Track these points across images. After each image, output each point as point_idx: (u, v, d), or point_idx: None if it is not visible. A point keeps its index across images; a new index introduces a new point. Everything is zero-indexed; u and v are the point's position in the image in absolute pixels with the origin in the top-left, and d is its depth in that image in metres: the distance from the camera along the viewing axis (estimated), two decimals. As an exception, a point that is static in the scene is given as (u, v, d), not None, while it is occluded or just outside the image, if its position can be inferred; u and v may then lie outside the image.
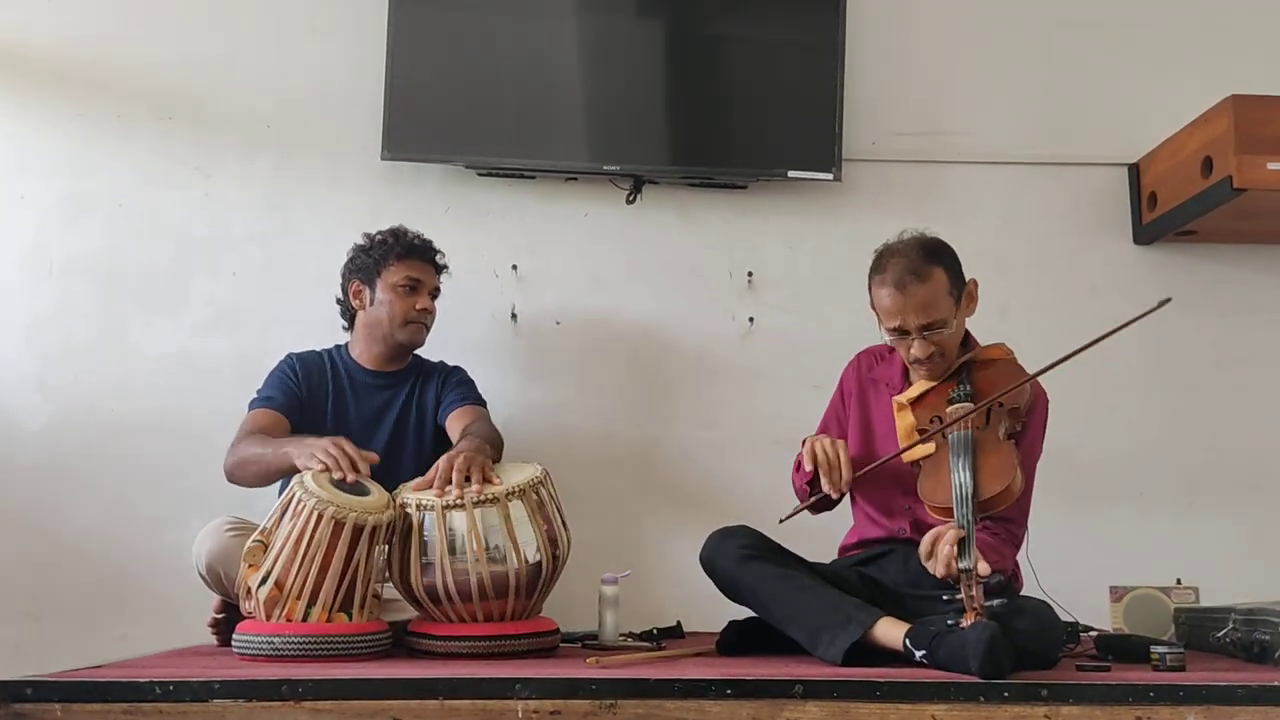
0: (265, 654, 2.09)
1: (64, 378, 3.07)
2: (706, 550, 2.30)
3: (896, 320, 2.32)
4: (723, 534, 2.30)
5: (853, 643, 2.02)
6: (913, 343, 2.33)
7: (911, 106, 3.29)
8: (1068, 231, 3.27)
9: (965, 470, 2.15)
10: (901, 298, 2.30)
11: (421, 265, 2.75)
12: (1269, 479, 3.17)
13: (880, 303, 2.36)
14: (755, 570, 2.21)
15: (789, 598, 2.17)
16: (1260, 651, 2.19)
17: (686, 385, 3.18)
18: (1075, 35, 3.33)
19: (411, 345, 2.76)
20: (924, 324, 2.31)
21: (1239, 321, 3.22)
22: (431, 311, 2.77)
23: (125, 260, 3.13)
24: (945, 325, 2.32)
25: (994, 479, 2.15)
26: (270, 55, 3.21)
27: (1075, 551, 3.00)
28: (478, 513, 2.19)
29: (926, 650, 1.96)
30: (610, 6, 3.18)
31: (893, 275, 2.32)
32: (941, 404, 2.33)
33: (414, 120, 3.09)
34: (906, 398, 2.39)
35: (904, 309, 2.30)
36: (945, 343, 2.35)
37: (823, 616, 2.10)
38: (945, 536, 2.02)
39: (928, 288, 2.30)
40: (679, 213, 3.23)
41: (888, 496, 2.44)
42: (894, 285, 2.31)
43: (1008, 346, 2.44)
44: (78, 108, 3.16)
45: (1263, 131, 2.77)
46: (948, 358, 2.38)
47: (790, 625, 2.15)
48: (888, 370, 2.54)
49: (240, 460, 2.52)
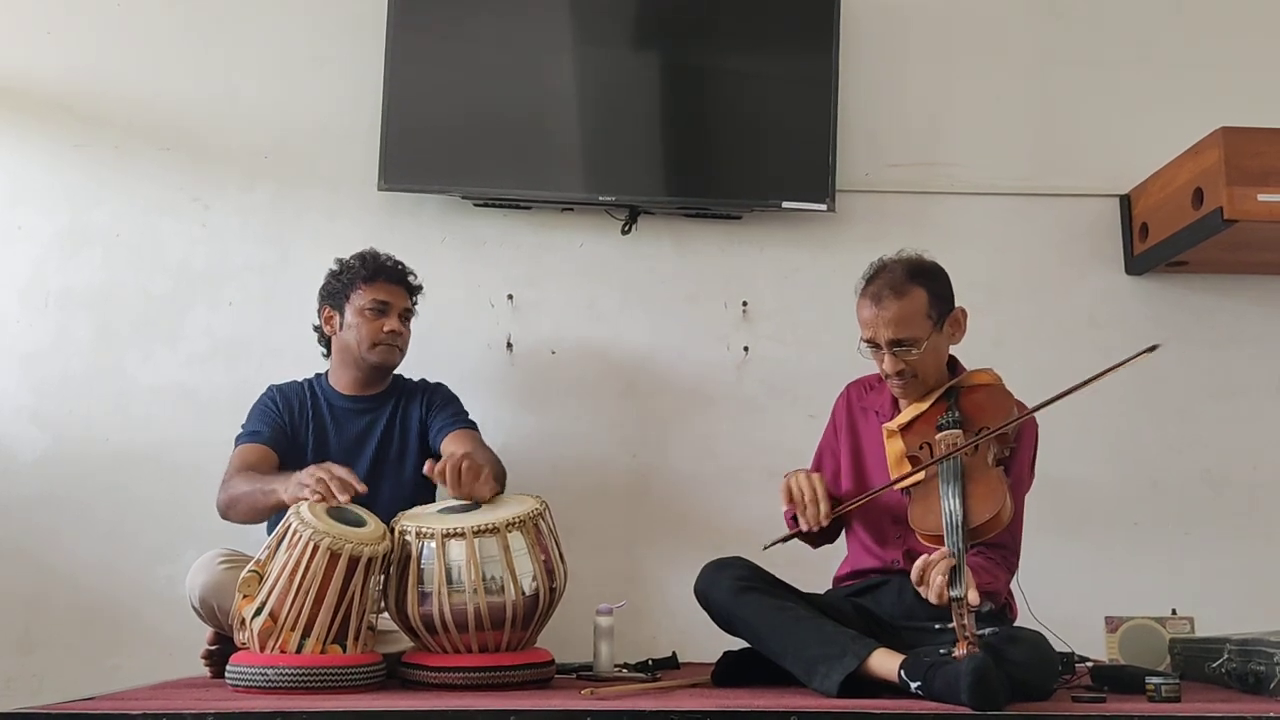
0: (259, 686, 2.08)
1: (60, 409, 3.07)
2: (701, 582, 2.30)
3: (869, 332, 2.38)
4: (717, 566, 2.30)
5: (848, 674, 2.02)
6: (883, 357, 2.37)
7: (905, 138, 3.31)
8: (1060, 262, 3.28)
9: (955, 498, 2.16)
10: (875, 310, 2.36)
11: (389, 287, 2.73)
12: (1264, 509, 3.17)
13: (859, 314, 2.42)
14: (750, 602, 2.21)
15: (784, 630, 2.16)
16: (1255, 682, 2.18)
17: (682, 415, 3.18)
18: (1067, 68, 3.36)
19: (383, 367, 2.75)
20: (893, 339, 2.35)
21: (1231, 352, 3.24)
22: (401, 333, 2.73)
23: (123, 291, 3.14)
24: (916, 344, 2.35)
25: (983, 506, 2.15)
26: (268, 87, 3.23)
27: (1070, 582, 3.00)
28: (477, 542, 2.19)
29: (922, 682, 1.95)
30: (606, 39, 3.21)
31: (873, 288, 2.39)
32: (930, 430, 2.35)
33: (411, 151, 3.11)
34: (896, 424, 2.40)
35: (876, 322, 2.36)
36: (917, 363, 2.37)
37: (818, 648, 2.09)
38: (936, 565, 2.02)
39: (902, 305, 2.35)
40: (674, 243, 3.25)
41: (880, 526, 2.45)
42: (870, 298, 2.38)
43: (995, 372, 2.46)
44: (76, 139, 3.18)
45: (1253, 163, 2.79)
46: (922, 379, 2.40)
47: (785, 658, 2.15)
48: (877, 399, 2.55)
49: (230, 499, 2.52)
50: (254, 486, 2.46)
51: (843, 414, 2.59)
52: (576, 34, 3.19)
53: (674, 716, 1.77)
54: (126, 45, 3.23)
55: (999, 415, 2.32)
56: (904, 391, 2.41)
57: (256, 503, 2.45)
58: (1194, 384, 3.22)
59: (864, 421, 2.54)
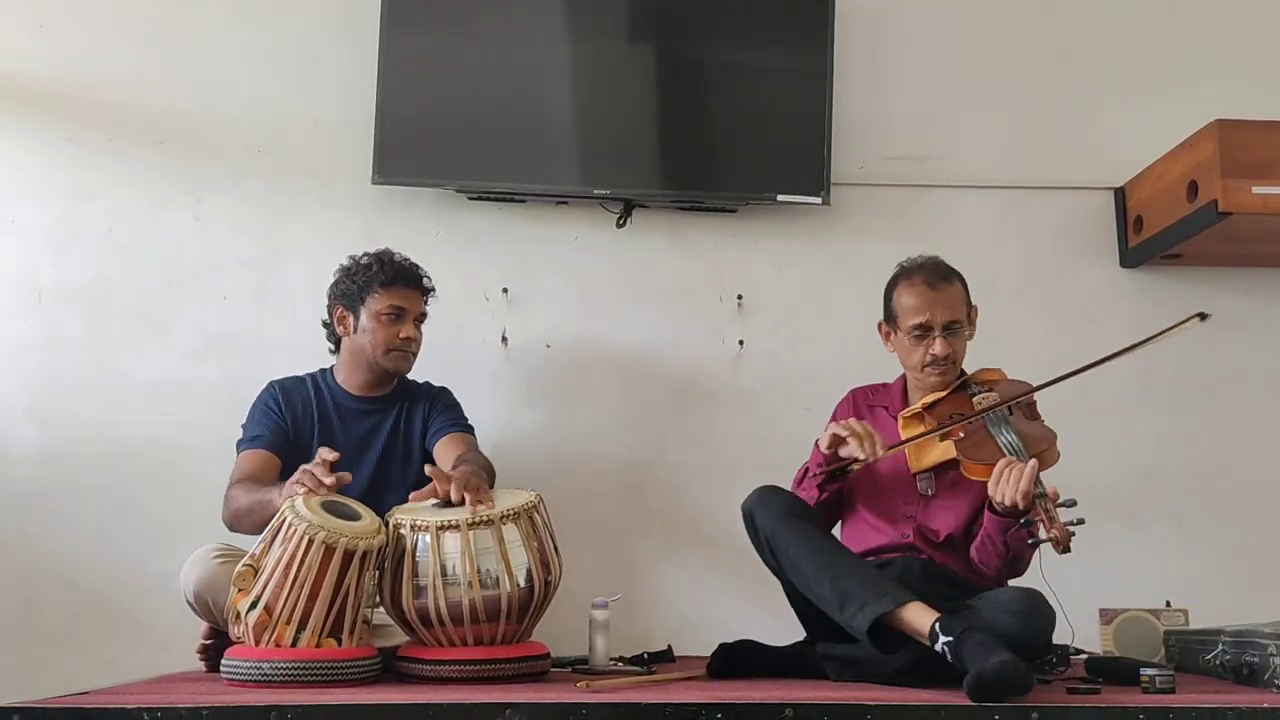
0: (254, 680, 2.07)
1: (53, 405, 3.06)
2: (750, 502, 2.31)
3: (924, 315, 2.42)
4: (768, 490, 2.33)
5: (881, 614, 2.03)
6: (934, 340, 2.41)
7: (900, 131, 3.31)
8: (1054, 255, 3.29)
9: (1010, 434, 2.28)
10: (932, 294, 2.43)
11: (406, 292, 2.70)
12: (1257, 501, 3.18)
13: (907, 302, 2.45)
14: (797, 527, 2.23)
15: (827, 557, 2.18)
16: (1249, 673, 2.19)
17: (677, 408, 3.18)
18: (1061, 61, 3.36)
19: (396, 373, 2.74)
20: (949, 320, 2.42)
21: (1225, 344, 3.24)
22: (416, 339, 2.72)
23: (115, 286, 3.13)
24: (963, 329, 2.45)
25: (1038, 441, 2.29)
26: (262, 80, 3.22)
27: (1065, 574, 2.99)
28: (472, 535, 2.19)
29: (954, 639, 1.95)
30: (600, 32, 3.20)
31: (923, 276, 2.46)
32: (963, 403, 2.41)
33: (405, 144, 3.10)
34: (921, 405, 2.44)
35: (933, 304, 2.42)
36: (959, 349, 2.45)
37: (857, 583, 2.11)
38: (1017, 465, 2.12)
39: (954, 289, 2.46)
40: (669, 236, 3.25)
41: (889, 504, 2.45)
42: (925, 283, 2.44)
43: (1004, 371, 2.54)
44: (69, 133, 3.17)
45: (1247, 156, 2.80)
46: (957, 367, 2.47)
47: (821, 582, 2.14)
48: (885, 396, 2.59)
49: (234, 513, 2.51)
50: (252, 499, 2.45)
51: (849, 412, 2.58)
52: (571, 27, 3.18)
53: (669, 709, 1.77)
54: (119, 38, 3.22)
55: (1019, 392, 2.43)
56: (942, 378, 2.45)
57: (257, 516, 2.42)
58: (1188, 376, 3.22)
59: (872, 418, 2.54)
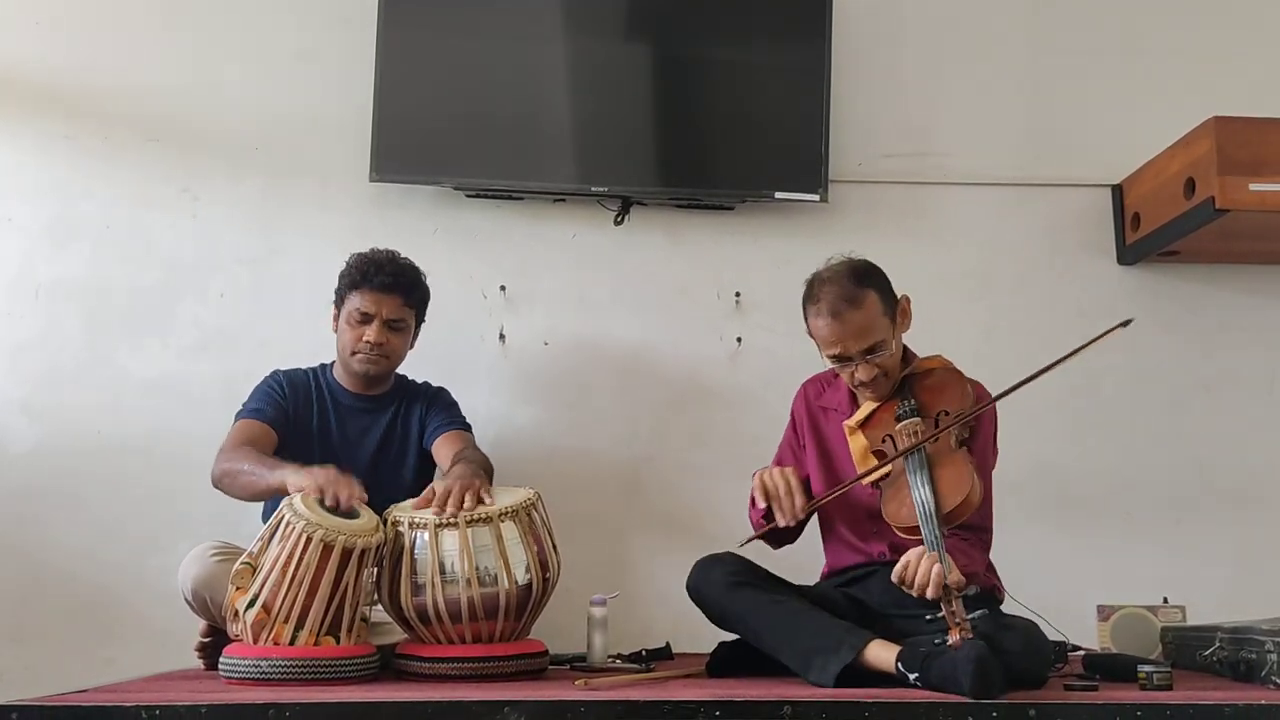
0: (252, 678, 2.07)
1: (50, 401, 3.06)
2: (693, 579, 2.29)
3: (837, 348, 2.33)
4: (708, 562, 2.30)
5: (844, 666, 2.02)
6: (856, 368, 2.33)
7: (898, 128, 3.31)
8: (1052, 252, 3.29)
9: (924, 486, 2.16)
10: (839, 326, 2.31)
11: (376, 295, 2.64)
12: (1254, 498, 3.18)
13: (819, 332, 2.36)
14: (744, 598, 2.21)
15: (779, 624, 2.16)
16: (1247, 670, 2.20)
17: (675, 406, 3.18)
18: (1059, 58, 3.36)
19: (363, 376, 2.70)
20: (864, 348, 2.32)
21: (1223, 341, 3.24)
22: (381, 344, 2.64)
23: (112, 283, 3.12)
24: (885, 347, 2.33)
25: (954, 491, 2.16)
26: (258, 77, 3.22)
27: (1062, 571, 3.01)
28: (470, 532, 2.19)
29: (919, 672, 1.96)
30: (598, 29, 3.20)
31: (828, 304, 2.32)
32: (890, 421, 2.34)
33: (402, 142, 3.10)
34: (855, 421, 2.39)
35: (843, 336, 2.31)
36: (886, 363, 2.35)
37: (813, 641, 2.10)
38: (917, 565, 2.02)
39: (863, 313, 2.31)
40: (667, 234, 3.25)
41: (858, 522, 2.43)
42: (830, 314, 2.31)
43: (944, 357, 2.45)
44: (65, 130, 3.16)
45: (1244, 153, 2.80)
46: (891, 377, 2.38)
47: (781, 652, 2.15)
48: (835, 395, 2.53)
49: (230, 470, 2.48)
50: (256, 466, 2.43)
51: (803, 413, 2.57)
52: (568, 24, 3.18)
53: (668, 707, 1.77)
54: (115, 36, 3.21)
55: (953, 396, 2.33)
56: (876, 393, 2.38)
57: (255, 482, 2.42)
58: (1185, 373, 3.22)
59: (825, 420, 2.53)
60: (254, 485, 2.44)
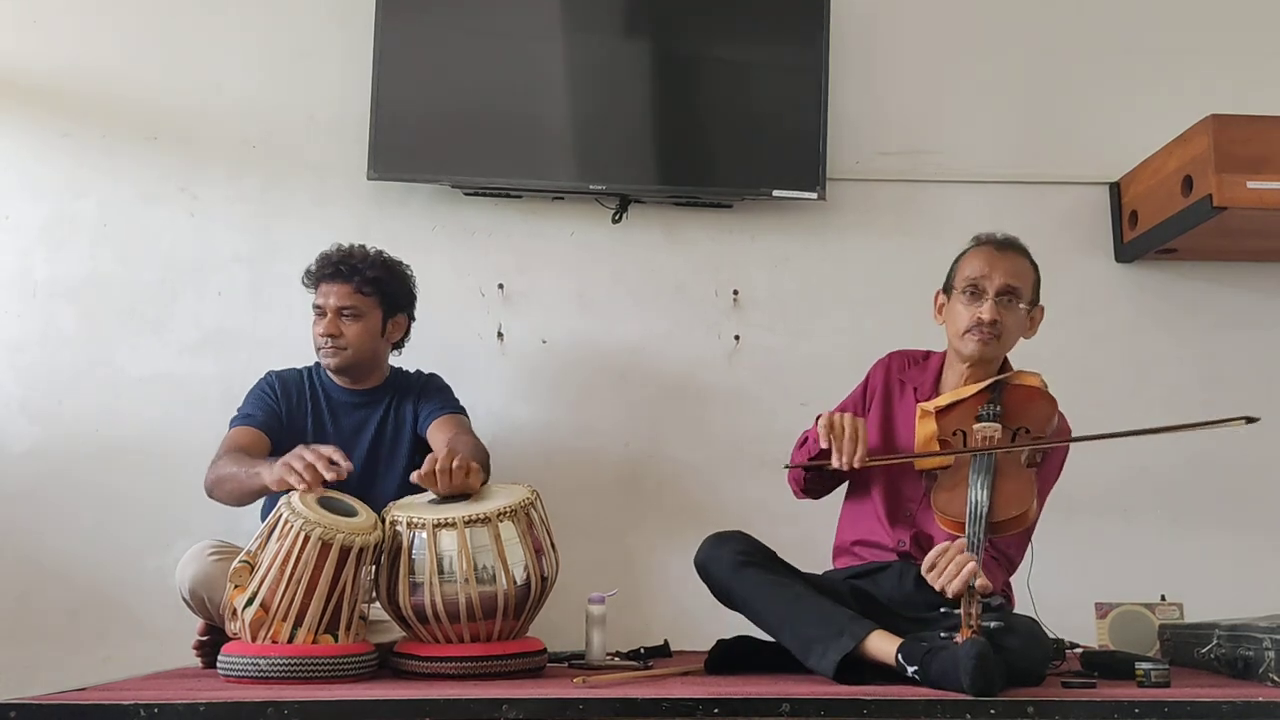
0: (250, 676, 2.07)
1: (48, 400, 3.06)
2: (701, 555, 2.29)
3: (982, 271, 2.39)
4: (717, 539, 2.29)
5: (845, 655, 2.02)
6: (984, 304, 2.36)
7: (895, 126, 3.31)
8: (1049, 250, 3.23)
9: (984, 489, 2.17)
10: (997, 256, 2.40)
11: (324, 288, 2.65)
12: (1252, 495, 3.19)
13: (970, 261, 2.43)
14: (750, 577, 2.21)
15: (783, 606, 2.16)
16: (1244, 667, 2.20)
17: (673, 404, 3.18)
18: (1057, 55, 3.36)
19: (335, 371, 2.71)
20: (1005, 285, 2.37)
21: (1220, 338, 3.25)
22: (333, 334, 2.64)
23: (110, 282, 3.12)
24: (1019, 299, 2.39)
25: (1011, 503, 2.17)
26: (257, 76, 3.22)
27: (1060, 568, 2.99)
28: (468, 532, 2.19)
29: (919, 666, 1.96)
30: (596, 27, 3.20)
31: (994, 242, 2.44)
32: (969, 419, 2.34)
33: (400, 140, 3.10)
34: (934, 405, 2.39)
35: (995, 266, 2.38)
36: (1008, 321, 2.38)
37: (816, 627, 2.09)
38: (955, 556, 2.02)
39: (1020, 264, 2.42)
40: (665, 232, 3.25)
41: (894, 501, 2.43)
42: (995, 246, 2.42)
43: (1043, 378, 2.45)
44: (63, 128, 3.16)
45: (1242, 150, 2.80)
46: (1002, 344, 2.40)
47: (782, 633, 2.15)
48: (920, 375, 2.53)
49: (217, 478, 2.51)
50: (240, 468, 2.45)
51: (879, 380, 2.56)
52: (567, 22, 3.18)
53: (666, 704, 1.77)
54: (113, 34, 3.21)
55: (1040, 417, 2.33)
56: (982, 348, 2.38)
57: (241, 485, 2.44)
58: (1183, 370, 3.23)
59: (899, 394, 2.52)
60: (239, 489, 2.46)
